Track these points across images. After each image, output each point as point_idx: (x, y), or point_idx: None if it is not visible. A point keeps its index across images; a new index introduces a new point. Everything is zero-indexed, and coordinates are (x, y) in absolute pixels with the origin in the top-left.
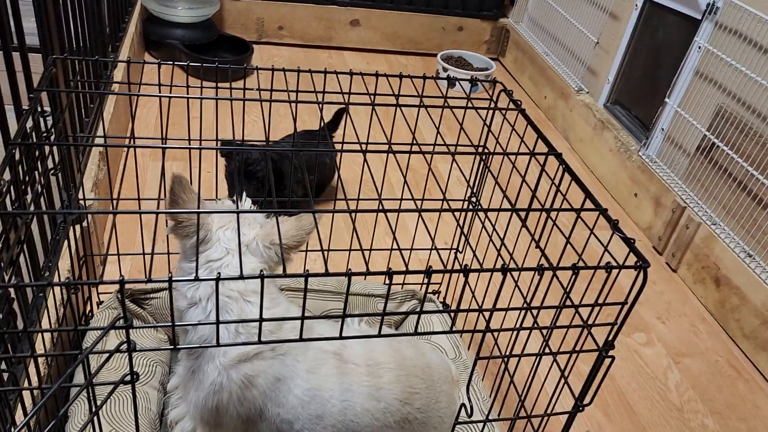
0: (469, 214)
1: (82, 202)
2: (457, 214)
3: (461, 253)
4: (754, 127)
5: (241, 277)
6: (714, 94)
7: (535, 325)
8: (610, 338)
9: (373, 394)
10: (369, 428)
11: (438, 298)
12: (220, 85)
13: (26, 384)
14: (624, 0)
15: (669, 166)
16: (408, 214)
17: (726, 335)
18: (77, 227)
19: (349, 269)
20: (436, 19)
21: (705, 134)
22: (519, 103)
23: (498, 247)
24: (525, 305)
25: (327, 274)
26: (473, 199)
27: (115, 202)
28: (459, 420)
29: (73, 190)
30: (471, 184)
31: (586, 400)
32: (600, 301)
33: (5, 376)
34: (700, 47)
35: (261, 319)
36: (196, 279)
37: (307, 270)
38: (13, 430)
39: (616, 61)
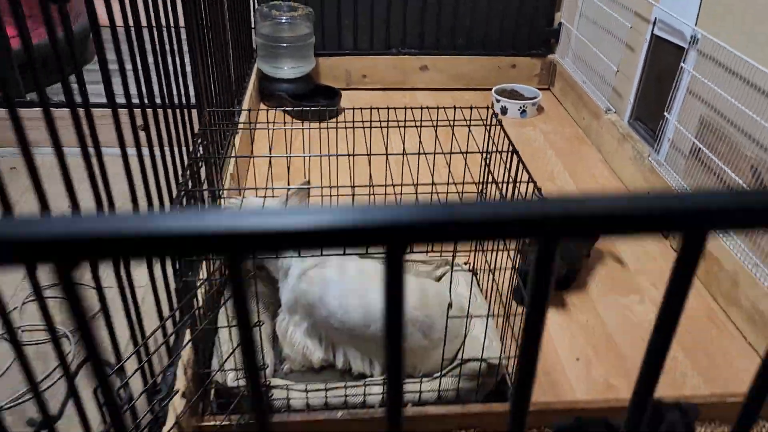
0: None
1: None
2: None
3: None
4: (726, 132)
5: None
6: (699, 107)
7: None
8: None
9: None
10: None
11: (467, 267)
12: (315, 124)
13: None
14: (637, 35)
15: (673, 168)
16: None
17: (708, 294)
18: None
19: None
20: (492, 60)
21: (693, 141)
22: (500, 122)
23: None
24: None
25: None
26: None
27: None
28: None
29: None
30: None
31: None
32: None
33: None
34: (688, 71)
35: None
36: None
37: None
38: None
39: (634, 85)
